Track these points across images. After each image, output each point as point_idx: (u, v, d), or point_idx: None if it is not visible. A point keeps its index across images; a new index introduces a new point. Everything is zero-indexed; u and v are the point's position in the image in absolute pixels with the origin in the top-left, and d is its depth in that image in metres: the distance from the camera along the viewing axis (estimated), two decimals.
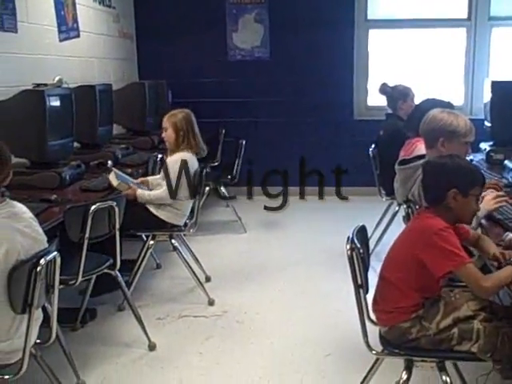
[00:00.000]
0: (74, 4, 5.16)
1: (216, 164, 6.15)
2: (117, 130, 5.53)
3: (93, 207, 2.95)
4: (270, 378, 3.10)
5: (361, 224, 2.53)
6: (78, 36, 5.24)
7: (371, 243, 4.90)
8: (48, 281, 2.25)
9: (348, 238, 2.36)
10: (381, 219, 4.99)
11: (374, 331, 2.46)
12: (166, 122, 4.05)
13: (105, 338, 3.54)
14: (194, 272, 4.12)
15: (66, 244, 2.80)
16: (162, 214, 3.96)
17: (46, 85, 3.83)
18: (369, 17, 6.83)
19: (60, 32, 4.89)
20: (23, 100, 3.62)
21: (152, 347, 3.40)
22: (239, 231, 5.67)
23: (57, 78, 4.27)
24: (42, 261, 2.12)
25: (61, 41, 4.90)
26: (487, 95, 4.76)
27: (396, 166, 3.49)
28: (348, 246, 2.33)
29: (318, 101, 6.91)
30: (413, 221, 2.51)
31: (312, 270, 4.65)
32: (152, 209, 3.96)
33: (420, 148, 3.30)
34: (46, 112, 3.60)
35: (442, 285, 2.40)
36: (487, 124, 4.72)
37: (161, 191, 3.94)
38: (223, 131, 6.37)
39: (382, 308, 2.42)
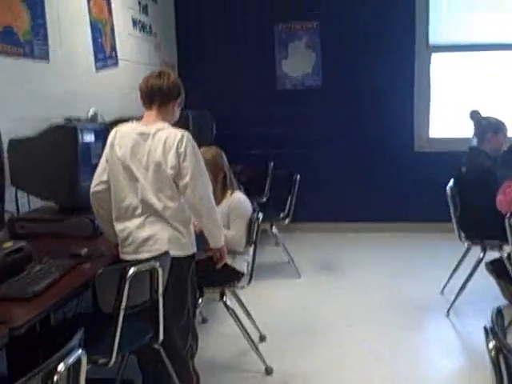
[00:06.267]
0: (112, 31, 4.74)
1: (264, 200, 5.58)
2: None
3: (131, 271, 2.33)
4: None
5: (497, 306, 1.75)
6: (117, 65, 4.81)
7: (446, 292, 4.32)
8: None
9: (486, 328, 1.58)
10: (458, 265, 4.36)
11: None
12: None
13: None
14: (246, 331, 3.54)
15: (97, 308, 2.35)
16: (237, 263, 3.42)
17: (78, 119, 3.36)
18: (430, 41, 6.22)
19: (97, 60, 4.46)
20: (53, 136, 3.14)
21: None
22: (293, 275, 5.08)
23: (91, 111, 3.82)
24: (61, 366, 1.41)
25: (97, 70, 4.46)
26: None
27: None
28: (491, 344, 1.53)
29: (375, 132, 6.37)
30: None
31: (384, 327, 3.98)
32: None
33: None
34: (78, 150, 3.12)
35: None
36: None
37: (233, 233, 3.37)
38: (272, 164, 5.83)
39: None
